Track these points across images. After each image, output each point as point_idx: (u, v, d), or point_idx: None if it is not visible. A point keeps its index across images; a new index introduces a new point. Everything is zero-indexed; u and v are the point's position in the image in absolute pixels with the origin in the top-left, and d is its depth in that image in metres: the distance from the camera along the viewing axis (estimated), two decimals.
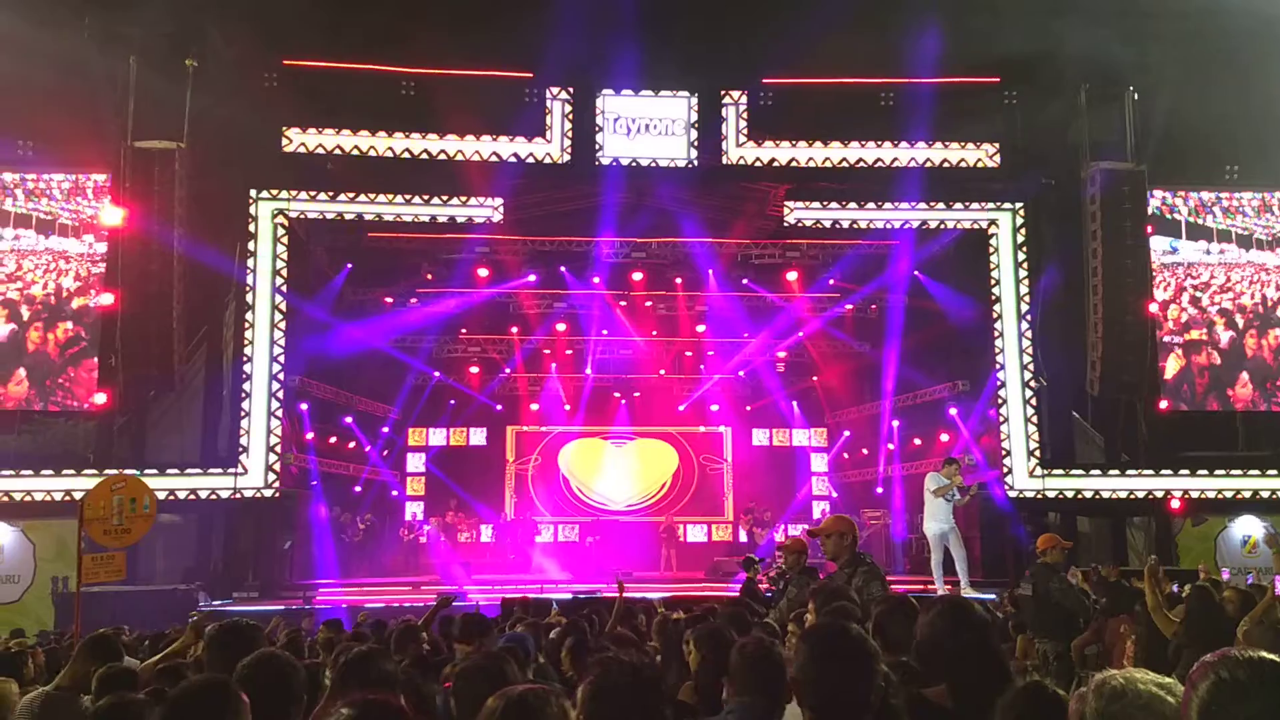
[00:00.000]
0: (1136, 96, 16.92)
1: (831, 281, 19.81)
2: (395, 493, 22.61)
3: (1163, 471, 16.72)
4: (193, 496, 15.54)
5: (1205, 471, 16.74)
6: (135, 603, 13.31)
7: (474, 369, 23.15)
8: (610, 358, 23.35)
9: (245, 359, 16.04)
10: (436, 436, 23.90)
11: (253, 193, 16.35)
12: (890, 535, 19.73)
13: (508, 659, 3.58)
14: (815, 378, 23.71)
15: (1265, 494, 16.80)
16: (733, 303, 20.87)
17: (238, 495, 15.68)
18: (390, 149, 16.44)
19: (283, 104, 16.08)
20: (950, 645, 3.13)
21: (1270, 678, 1.77)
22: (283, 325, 16.29)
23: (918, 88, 16.60)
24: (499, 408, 23.86)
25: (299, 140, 16.29)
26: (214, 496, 15.65)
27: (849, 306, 20.86)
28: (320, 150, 16.34)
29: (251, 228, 16.25)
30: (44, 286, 16.32)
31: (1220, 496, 16.80)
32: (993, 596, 12.57)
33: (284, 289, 16.34)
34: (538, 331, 21.94)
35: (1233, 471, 16.84)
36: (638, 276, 20.21)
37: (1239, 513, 17.17)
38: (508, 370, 23.18)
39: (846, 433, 23.48)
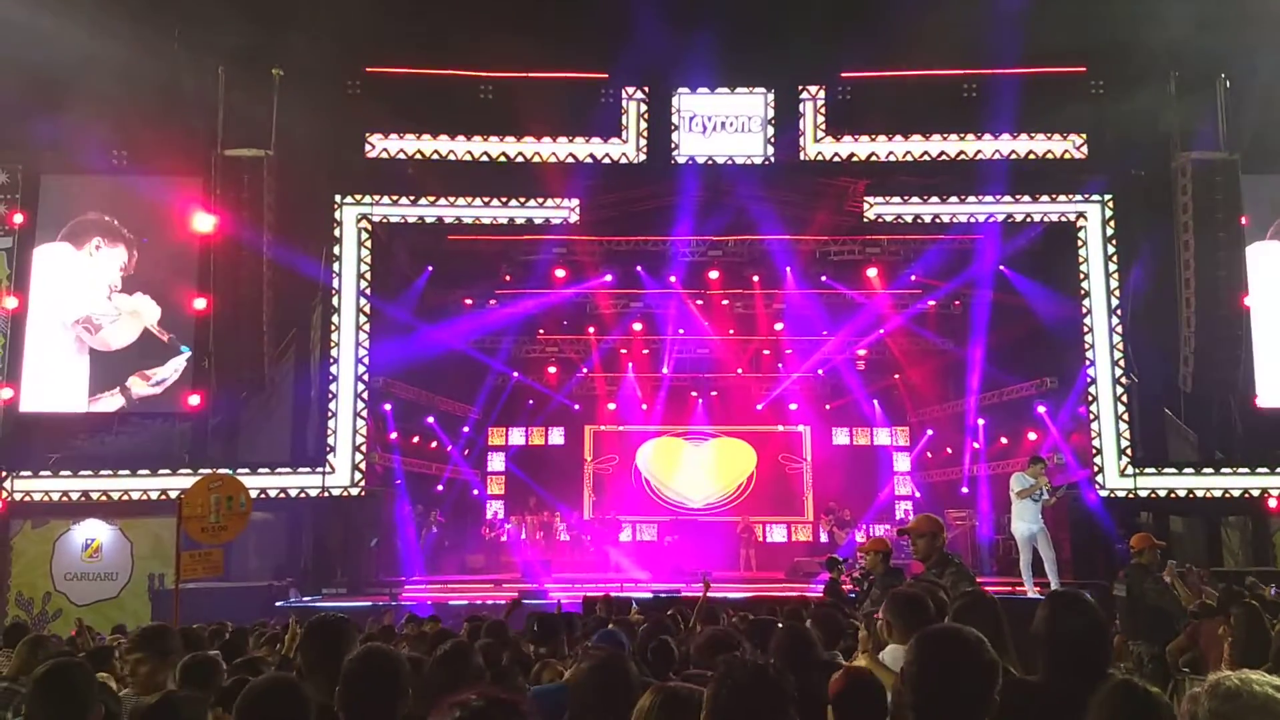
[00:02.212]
0: (1229, 84, 16.37)
1: (913, 277, 19.52)
2: (476, 491, 22.92)
3: (1259, 470, 16.15)
4: (282, 495, 15.91)
5: None
6: (228, 599, 13.65)
7: (552, 369, 23.36)
8: (687, 356, 23.34)
9: (332, 360, 16.40)
10: (516, 436, 24.19)
11: (337, 198, 16.70)
12: (976, 536, 19.36)
13: (629, 658, 3.60)
14: (897, 375, 23.42)
15: None
16: (811, 300, 20.68)
17: (325, 493, 16.02)
18: (469, 152, 16.65)
19: (365, 110, 16.40)
20: (1058, 630, 3.13)
21: None
22: (367, 327, 16.61)
23: (1000, 79, 16.28)
24: (577, 407, 24.03)
25: (381, 146, 16.60)
26: (303, 495, 16.01)
27: (931, 303, 20.54)
28: (401, 155, 16.63)
29: (336, 232, 16.60)
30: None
31: None
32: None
33: (368, 292, 16.66)
34: (614, 331, 22.03)
35: None
36: (714, 275, 20.15)
37: None
38: (585, 370, 23.34)
39: (930, 431, 23.13)
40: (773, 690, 2.46)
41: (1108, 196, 16.76)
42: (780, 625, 4.82)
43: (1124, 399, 16.37)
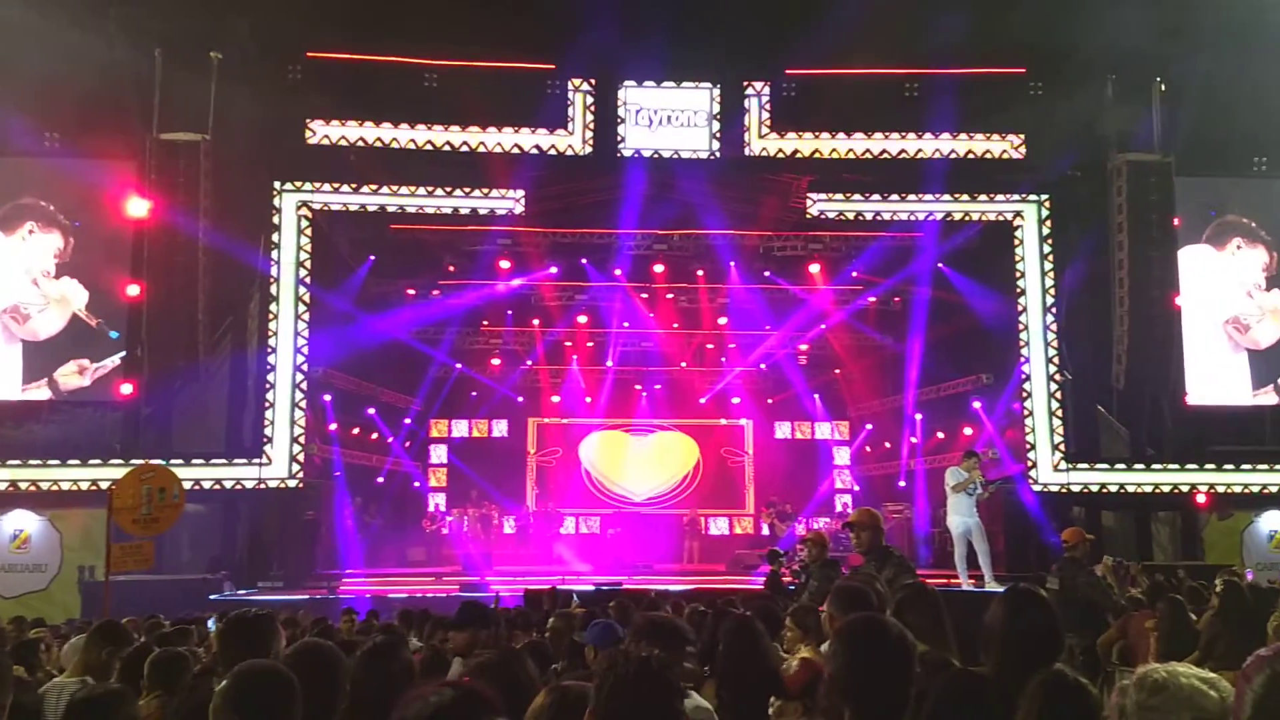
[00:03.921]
0: (1164, 87, 16.75)
1: (854, 274, 19.70)
2: (417, 484, 22.71)
3: (1188, 466, 16.59)
4: (217, 486, 15.66)
5: (1231, 466, 16.60)
6: (161, 592, 13.39)
7: (496, 361, 23.20)
8: (632, 350, 23.34)
9: (269, 350, 16.15)
10: (458, 428, 23.99)
11: (276, 185, 16.44)
12: (913, 529, 19.63)
13: (524, 656, 3.56)
14: (838, 370, 23.63)
15: None
16: (754, 295, 20.80)
17: (262, 485, 15.80)
18: (413, 141, 16.47)
19: (306, 96, 16.16)
20: (1017, 625, 3.18)
21: None
22: (306, 317, 16.38)
23: (942, 79, 16.52)
24: (520, 400, 23.92)
25: (322, 132, 16.35)
26: (239, 486, 15.77)
27: (872, 299, 20.75)
28: (343, 142, 16.39)
29: (275, 219, 16.34)
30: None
31: (1247, 491, 16.65)
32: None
33: (307, 281, 16.43)
34: (559, 323, 21.95)
35: (1259, 466, 16.69)
36: (659, 268, 20.18)
37: (1266, 508, 17.01)
38: (529, 362, 23.23)
39: (869, 426, 23.38)
40: (657, 682, 2.45)
41: (1044, 196, 17.08)
42: (731, 616, 4.82)
43: (1058, 395, 16.71)
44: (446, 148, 16.51)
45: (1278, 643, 1.90)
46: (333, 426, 18.63)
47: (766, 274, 20.14)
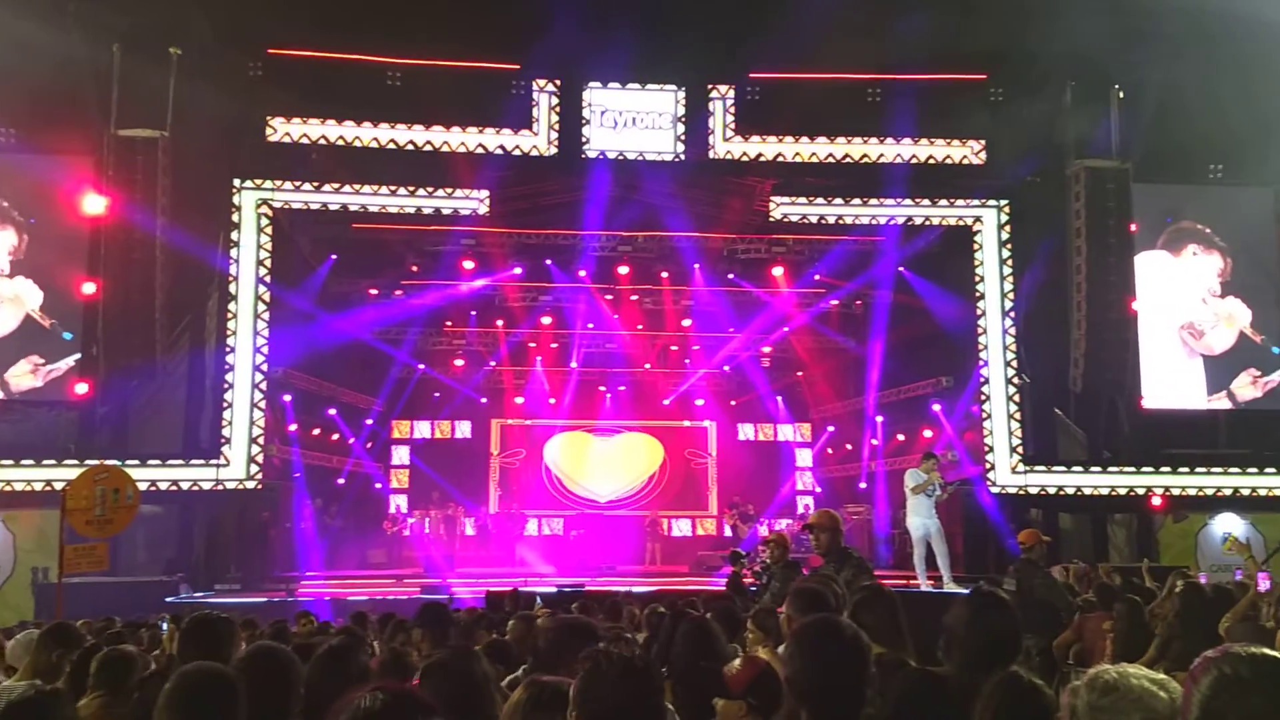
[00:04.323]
0: (1122, 95, 17.00)
1: (817, 277, 19.82)
2: (379, 485, 22.54)
3: (1144, 468, 16.83)
4: (174, 488, 15.44)
5: (1186, 469, 16.86)
6: (116, 594, 13.17)
7: (459, 361, 23.10)
8: (596, 351, 23.33)
9: (228, 349, 15.95)
10: (421, 429, 23.86)
11: (236, 182, 16.24)
12: (873, 530, 19.79)
13: (478, 655, 3.54)
14: (800, 373, 23.77)
15: (1245, 491, 16.93)
16: (718, 297, 20.86)
17: (219, 486, 15.60)
18: (375, 139, 16.34)
19: (267, 93, 15.98)
20: (979, 627, 3.21)
21: (1270, 673, 1.79)
22: (266, 316, 16.20)
23: (904, 84, 16.64)
24: (484, 401, 23.84)
25: (283, 130, 16.18)
26: (195, 488, 15.56)
27: (834, 302, 20.89)
28: (305, 140, 16.23)
29: (235, 217, 16.15)
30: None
31: (1201, 494, 16.91)
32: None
33: (267, 279, 16.25)
34: (523, 324, 21.89)
35: (1214, 469, 16.97)
36: (624, 270, 20.20)
37: (1219, 510, 17.28)
38: (493, 363, 23.14)
39: (831, 428, 23.54)
40: (641, 681, 2.45)
41: (1004, 202, 17.26)
42: (688, 617, 4.83)
43: (1016, 399, 16.90)
44: (410, 147, 16.40)
45: (1225, 644, 1.92)
46: (292, 427, 18.44)
47: (730, 276, 20.22)
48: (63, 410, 15.99)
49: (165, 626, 7.15)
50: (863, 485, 21.46)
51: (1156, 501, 16.77)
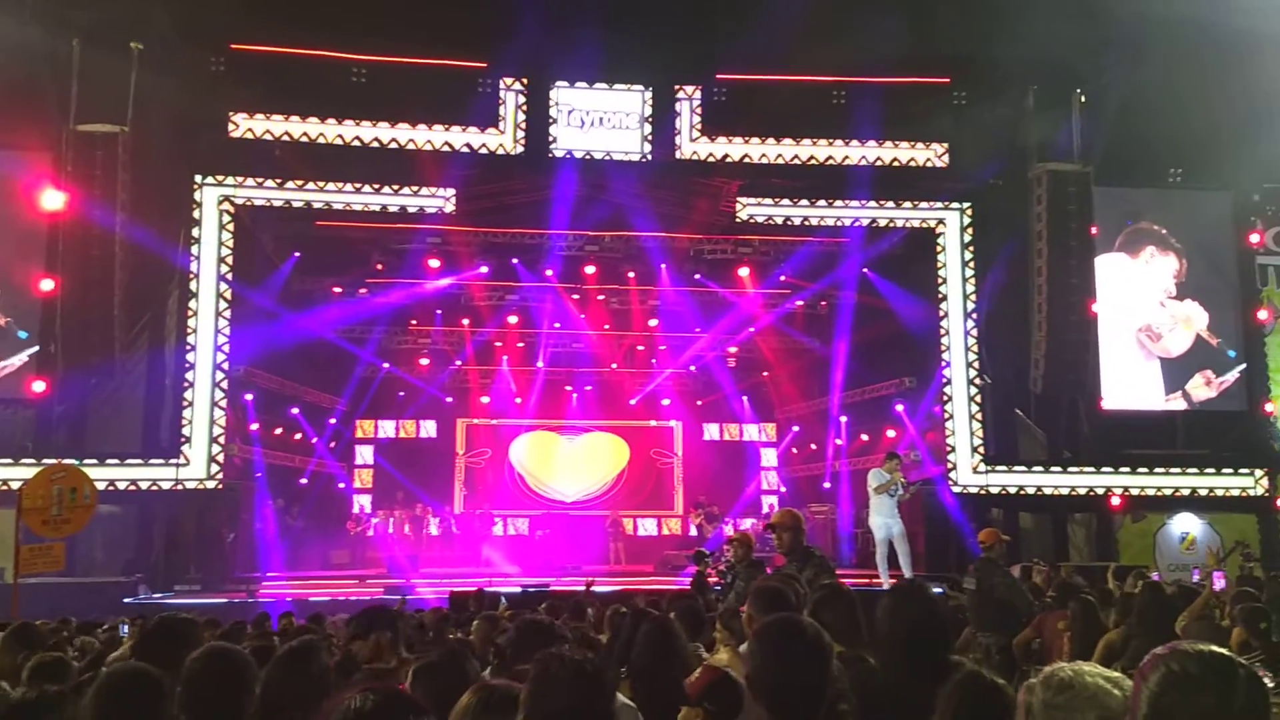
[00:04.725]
0: (1083, 99, 17.21)
1: (782, 278, 19.91)
2: (342, 485, 22.37)
3: (1103, 469, 17.06)
4: (133, 487, 15.24)
5: (1145, 469, 17.11)
6: (73, 595, 12.95)
7: (424, 360, 22.98)
8: (562, 351, 23.30)
9: (188, 347, 15.77)
10: (385, 428, 23.71)
11: (197, 178, 16.07)
12: (836, 529, 19.92)
13: (467, 655, 3.54)
14: (765, 373, 23.87)
15: (1203, 492, 17.21)
16: (685, 298, 20.90)
17: (179, 486, 15.42)
18: (340, 136, 16.22)
19: (229, 89, 15.80)
20: (904, 624, 3.22)
21: (1218, 670, 1.82)
22: (227, 314, 16.04)
23: (869, 87, 16.75)
24: (449, 400, 23.73)
25: (246, 126, 16.02)
26: (155, 487, 15.36)
27: (799, 303, 20.99)
28: (268, 136, 16.08)
29: (196, 214, 15.97)
30: None
31: (1159, 494, 17.17)
32: (940, 591, 12.73)
33: (229, 277, 16.08)
34: (489, 324, 21.81)
35: (1172, 470, 17.24)
36: (590, 270, 20.18)
37: (1177, 510, 17.55)
38: (458, 362, 23.05)
39: (796, 428, 23.66)
40: (591, 685, 2.45)
41: (966, 204, 17.44)
42: (649, 617, 4.83)
43: (977, 399, 17.08)
44: (375, 144, 16.29)
45: (1174, 641, 1.95)
46: (254, 426, 18.26)
47: (697, 276, 20.27)
48: (19, 408, 15.72)
49: (125, 629, 7.03)
50: (827, 485, 21.58)
51: (1116, 501, 17.01)
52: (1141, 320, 18.09)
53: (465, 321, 21.97)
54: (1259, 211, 18.60)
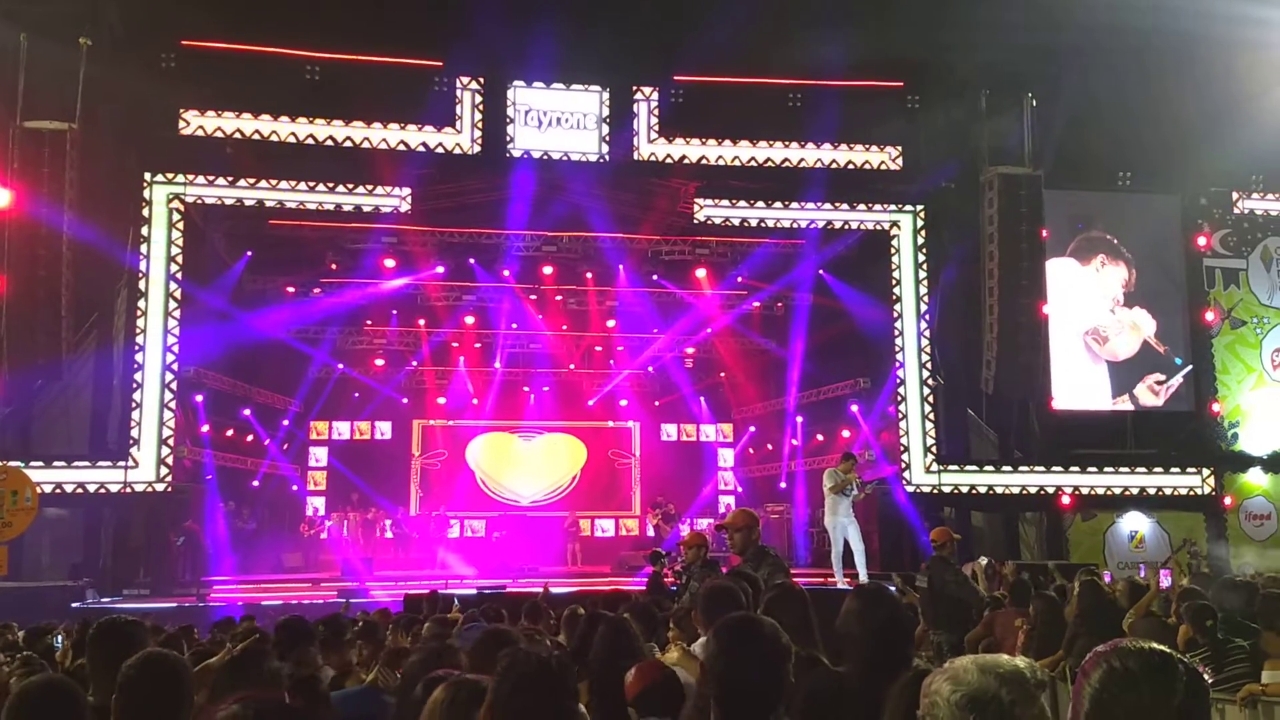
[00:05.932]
0: (1035, 103, 17.46)
1: (739, 279, 20.01)
2: (295, 487, 22.11)
3: (1054, 468, 17.33)
4: (80, 490, 14.97)
5: (1094, 469, 17.40)
6: (18, 600, 12.67)
7: (379, 361, 22.78)
8: (520, 351, 23.21)
9: (137, 348, 15.53)
10: (340, 430, 23.46)
11: (147, 176, 15.84)
12: (792, 529, 20.03)
13: (456, 653, 3.52)
14: (722, 374, 23.94)
15: (1151, 490, 17.55)
16: (642, 298, 20.93)
17: (128, 489, 15.16)
18: (293, 134, 16.05)
19: (180, 86, 15.59)
20: (868, 622, 3.23)
21: (1159, 667, 1.84)
22: (177, 314, 15.81)
23: (824, 90, 16.87)
24: (405, 401, 23.55)
25: (197, 123, 15.81)
26: (103, 490, 15.11)
27: (756, 304, 21.09)
28: (219, 134, 15.88)
29: (145, 212, 15.75)
30: None
31: (1109, 493, 17.47)
32: (894, 589, 12.83)
33: (179, 276, 15.87)
34: (446, 324, 21.67)
35: (1121, 469, 17.54)
36: (548, 270, 20.12)
37: (1127, 508, 17.85)
38: (414, 363, 22.88)
39: (752, 428, 23.76)
40: (555, 682, 2.46)
41: (919, 207, 17.64)
42: (605, 618, 4.83)
43: (930, 399, 17.27)
44: (329, 143, 16.14)
45: (1115, 640, 1.98)
46: (205, 428, 18.01)
47: (654, 277, 20.29)
48: None
49: (60, 641, 6.77)
50: (783, 484, 21.71)
51: (1065, 500, 17.27)
52: (1090, 323, 18.37)
53: (421, 322, 21.82)
54: (1206, 215, 19.00)
